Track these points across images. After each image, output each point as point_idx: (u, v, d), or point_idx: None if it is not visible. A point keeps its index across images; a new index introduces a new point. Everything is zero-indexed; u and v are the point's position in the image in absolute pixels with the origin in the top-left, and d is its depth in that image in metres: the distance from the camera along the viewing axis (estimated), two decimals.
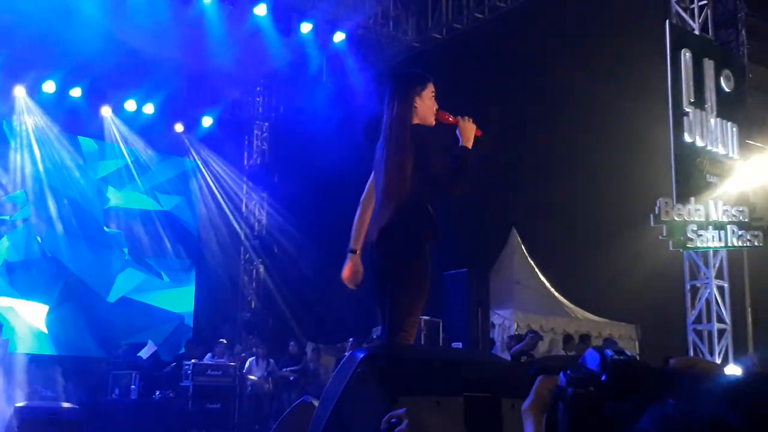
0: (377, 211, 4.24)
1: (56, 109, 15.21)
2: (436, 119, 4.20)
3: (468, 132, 4.12)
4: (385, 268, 4.18)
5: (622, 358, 1.24)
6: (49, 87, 14.93)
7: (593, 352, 1.29)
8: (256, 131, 18.32)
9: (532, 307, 13.80)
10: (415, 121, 4.17)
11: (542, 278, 14.80)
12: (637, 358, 1.34)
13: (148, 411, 11.56)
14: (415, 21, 15.12)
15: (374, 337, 12.81)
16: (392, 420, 1.63)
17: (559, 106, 13.67)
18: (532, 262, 14.89)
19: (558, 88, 13.37)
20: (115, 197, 16.25)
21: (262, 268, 17.87)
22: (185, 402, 11.54)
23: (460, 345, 9.01)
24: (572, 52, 13.43)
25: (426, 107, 4.20)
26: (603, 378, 1.22)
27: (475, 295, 9.46)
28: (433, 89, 4.27)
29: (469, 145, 4.10)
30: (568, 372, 1.29)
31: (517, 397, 3.13)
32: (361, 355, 3.01)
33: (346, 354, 3.95)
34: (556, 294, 14.68)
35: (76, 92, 15.17)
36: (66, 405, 8.88)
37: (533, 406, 1.36)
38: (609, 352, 1.27)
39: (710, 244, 10.23)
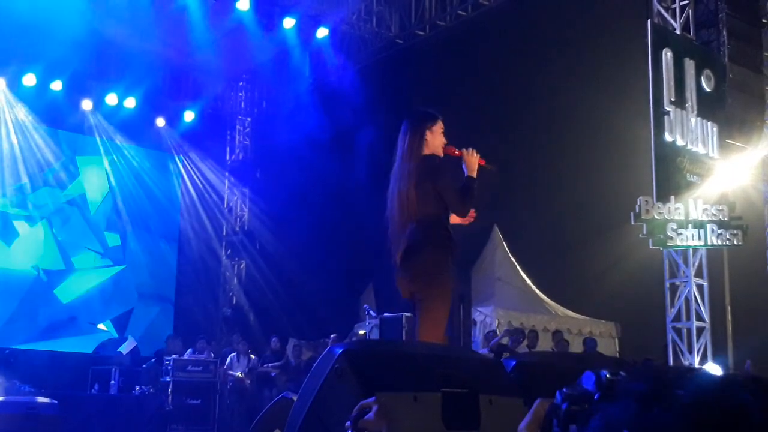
0: (395, 235, 4.63)
1: (37, 102, 15.09)
2: (444, 152, 4.67)
3: (472, 163, 4.61)
4: (412, 287, 4.54)
5: (616, 377, 1.26)
6: (29, 80, 14.81)
7: (589, 373, 1.31)
8: (238, 126, 18.27)
9: (513, 305, 13.85)
10: (426, 152, 4.65)
11: (523, 276, 14.86)
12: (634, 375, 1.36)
13: (128, 406, 11.51)
14: (398, 17, 15.13)
15: (356, 333, 12.82)
16: (364, 409, 1.65)
17: (541, 105, 13.73)
18: (513, 260, 14.94)
19: (540, 86, 13.42)
20: (96, 190, 16.15)
21: (243, 264, 17.82)
22: (165, 398, 11.50)
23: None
24: (554, 51, 13.48)
25: (436, 140, 4.68)
26: (596, 397, 1.24)
27: (457, 291, 9.47)
28: (442, 126, 4.72)
29: (474, 175, 4.60)
30: (564, 390, 1.31)
31: (495, 393, 3.14)
32: (339, 351, 3.01)
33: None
34: (537, 291, 14.74)
35: (56, 85, 15.06)
36: (44, 400, 8.83)
37: (530, 426, 1.38)
38: (604, 372, 1.29)
39: (690, 243, 10.29)
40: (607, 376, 1.25)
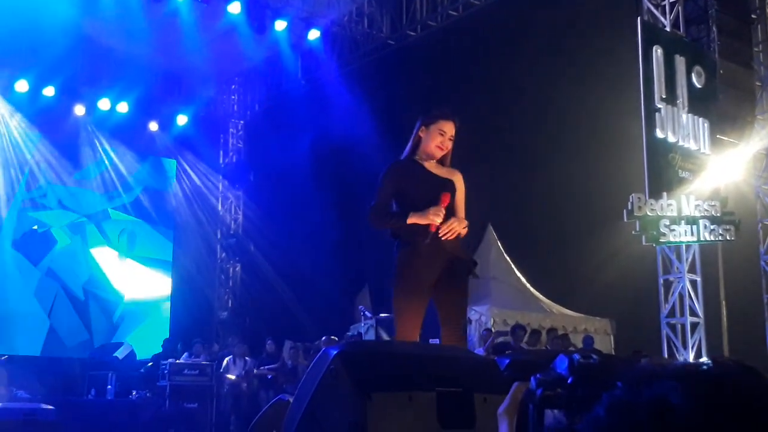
0: None
1: (29, 108, 15.09)
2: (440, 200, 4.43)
3: (424, 218, 4.33)
4: None
5: (588, 361, 1.28)
6: (21, 86, 14.80)
7: (562, 357, 1.33)
8: (231, 129, 18.28)
9: (509, 303, 13.87)
10: (418, 150, 4.58)
11: (518, 274, 14.88)
12: (608, 358, 1.38)
13: (125, 411, 11.49)
14: (390, 18, 15.14)
15: (351, 334, 12.84)
16: None
17: (532, 103, 13.75)
18: (508, 258, 14.97)
19: (531, 85, 13.44)
20: (90, 195, 16.14)
21: (238, 267, 17.83)
22: (162, 402, 11.49)
23: (437, 341, 9.05)
24: (545, 50, 13.51)
25: (429, 140, 4.54)
26: (570, 380, 1.25)
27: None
28: (443, 126, 4.56)
29: (410, 221, 4.35)
30: (538, 375, 1.33)
31: (490, 392, 3.16)
32: (334, 352, 3.03)
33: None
34: (532, 290, 14.76)
35: (49, 91, 15.06)
36: (42, 406, 8.83)
37: (509, 409, 1.40)
38: (576, 356, 1.31)
39: (683, 239, 10.33)
40: (579, 360, 1.27)
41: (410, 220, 4.34)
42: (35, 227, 15.47)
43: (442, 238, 4.36)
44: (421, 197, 4.43)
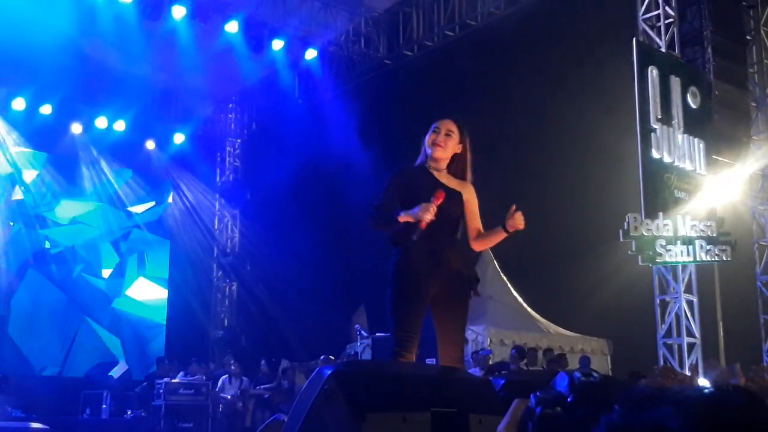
0: None
1: (26, 126, 15.10)
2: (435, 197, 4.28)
3: (416, 215, 4.14)
4: None
5: (588, 379, 1.27)
6: (18, 104, 14.82)
7: (563, 375, 1.32)
8: (228, 148, 18.30)
9: (505, 323, 13.85)
10: (426, 158, 4.50)
11: (515, 294, 14.87)
12: (607, 378, 1.37)
13: (120, 430, 11.45)
14: (387, 38, 15.21)
15: (348, 353, 12.80)
16: None
17: (528, 123, 13.78)
18: (504, 278, 14.96)
19: (527, 104, 13.48)
20: (87, 213, 16.12)
21: (234, 286, 17.80)
22: (157, 421, 11.45)
23: (433, 361, 9.02)
24: (542, 69, 13.56)
25: (428, 139, 4.49)
26: (569, 399, 1.25)
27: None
28: (438, 126, 4.51)
29: (402, 219, 4.17)
30: (538, 393, 1.32)
31: (485, 413, 3.15)
32: (329, 372, 3.01)
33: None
34: (529, 309, 14.75)
35: (46, 109, 15.07)
36: (36, 425, 8.77)
37: (508, 427, 1.39)
38: (577, 374, 1.30)
39: (679, 259, 10.34)
40: (580, 378, 1.26)
41: (401, 218, 4.17)
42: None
43: (510, 228, 4.51)
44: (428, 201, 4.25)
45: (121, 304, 16.15)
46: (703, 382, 9.79)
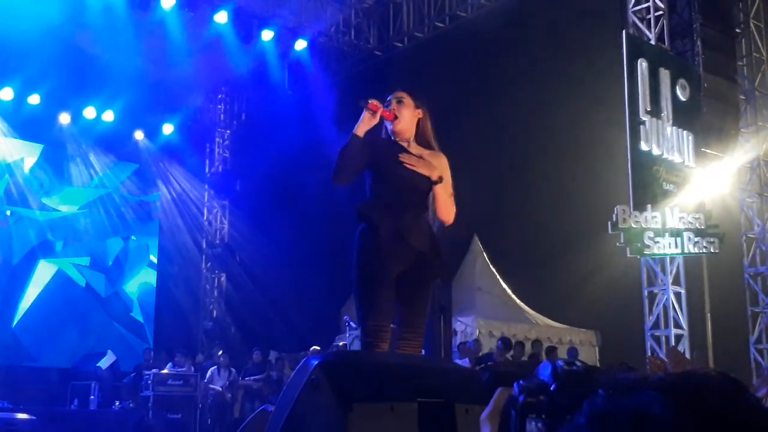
0: None
1: (14, 116, 15.02)
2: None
3: (363, 121, 4.09)
4: None
5: (571, 368, 1.28)
6: (6, 94, 14.73)
7: (546, 363, 1.33)
8: (217, 139, 18.24)
9: (494, 314, 13.89)
10: (387, 132, 4.34)
11: (504, 285, 14.90)
12: (591, 367, 1.38)
13: (108, 422, 11.42)
14: (377, 30, 15.19)
15: (337, 345, 12.80)
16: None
17: (518, 115, 13.79)
18: (493, 270, 14.99)
19: (517, 96, 13.50)
20: (74, 204, 16.06)
21: (224, 277, 17.77)
22: (146, 412, 11.42)
23: (422, 352, 9.04)
24: (531, 62, 13.57)
25: (385, 115, 4.29)
26: (552, 387, 1.25)
27: (438, 301, 9.49)
28: (388, 99, 4.36)
29: (357, 131, 4.09)
30: (521, 382, 1.33)
31: (471, 403, 3.16)
32: (315, 362, 3.02)
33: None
34: (518, 301, 14.78)
35: (34, 99, 14.99)
36: (22, 416, 8.76)
37: (491, 415, 1.39)
38: (560, 362, 1.31)
39: (667, 251, 10.38)
40: (563, 366, 1.27)
41: (356, 131, 4.07)
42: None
43: (406, 165, 4.06)
44: (396, 172, 4.08)
45: (108, 294, 16.11)
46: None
